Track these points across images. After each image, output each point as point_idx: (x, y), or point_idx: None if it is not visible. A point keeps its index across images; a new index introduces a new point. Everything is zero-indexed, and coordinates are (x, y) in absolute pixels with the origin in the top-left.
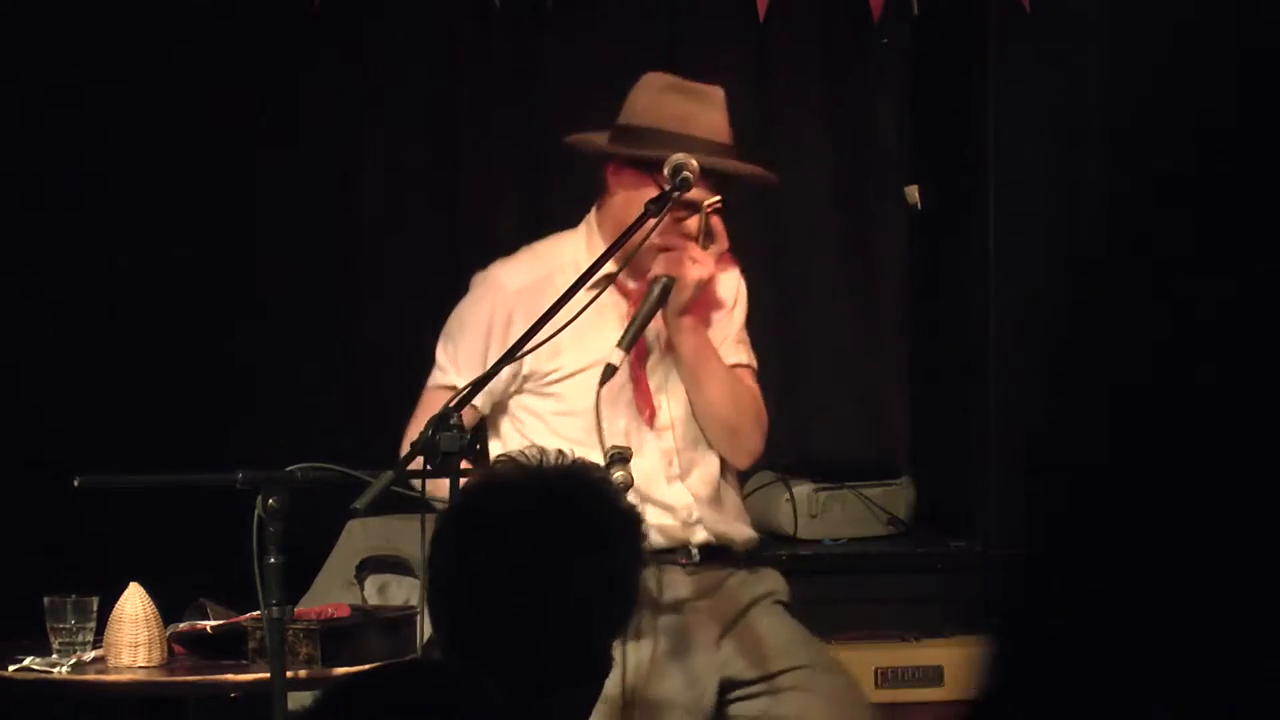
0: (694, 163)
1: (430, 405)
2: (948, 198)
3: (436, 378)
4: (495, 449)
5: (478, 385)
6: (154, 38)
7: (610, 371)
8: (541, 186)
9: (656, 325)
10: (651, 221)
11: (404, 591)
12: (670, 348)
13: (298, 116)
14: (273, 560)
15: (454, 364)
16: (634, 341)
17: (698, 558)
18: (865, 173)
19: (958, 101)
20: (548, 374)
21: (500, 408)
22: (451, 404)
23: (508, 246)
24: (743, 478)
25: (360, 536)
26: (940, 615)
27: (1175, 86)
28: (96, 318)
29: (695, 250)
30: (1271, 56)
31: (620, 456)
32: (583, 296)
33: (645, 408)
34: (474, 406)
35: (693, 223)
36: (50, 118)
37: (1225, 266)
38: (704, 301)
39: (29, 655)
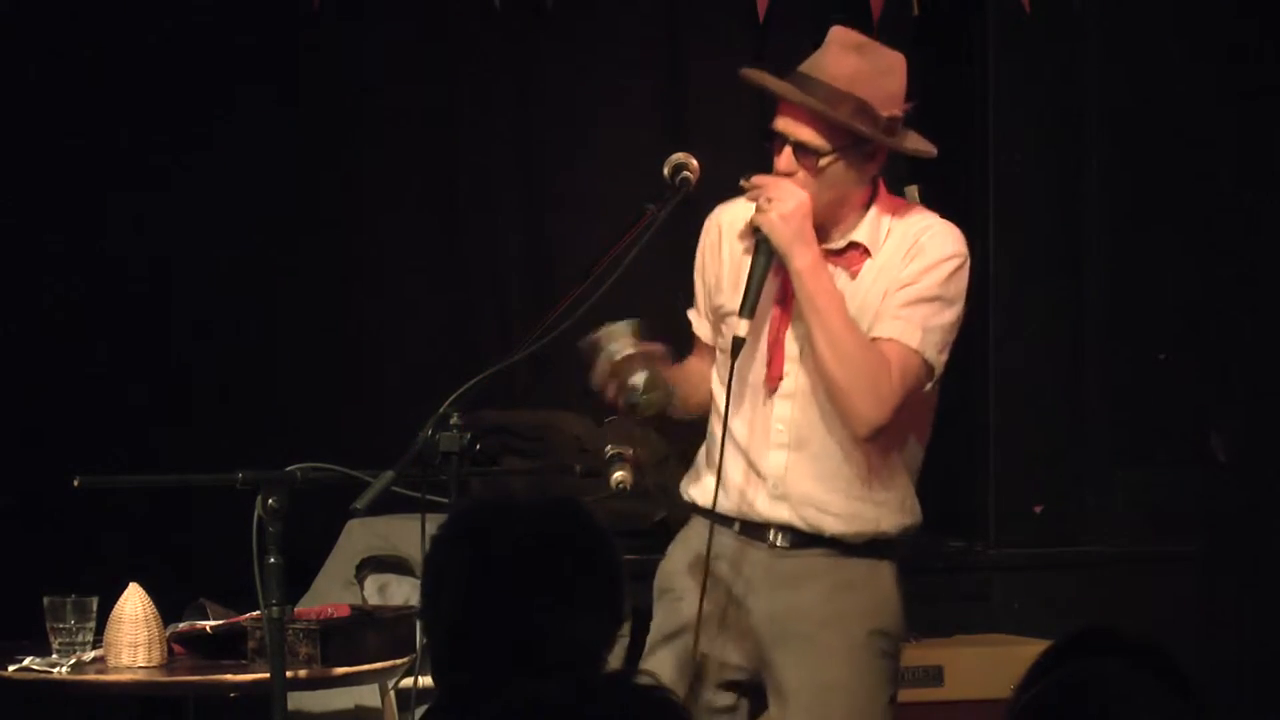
0: (694, 162)
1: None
2: (948, 198)
3: (690, 313)
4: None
5: (467, 391)
6: (153, 38)
7: (738, 344)
8: (542, 186)
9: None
10: (651, 218)
11: (404, 591)
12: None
13: (298, 116)
14: (273, 560)
15: (693, 308)
16: (754, 306)
17: (780, 540)
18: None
19: (957, 101)
20: (726, 311)
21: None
22: (446, 408)
23: (508, 246)
24: None
25: (360, 536)
26: (940, 615)
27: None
28: (96, 318)
29: (772, 186)
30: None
31: (619, 457)
32: (743, 243)
33: (773, 371)
34: (705, 344)
35: (782, 160)
36: (50, 118)
37: None
38: (885, 268)
39: (29, 655)
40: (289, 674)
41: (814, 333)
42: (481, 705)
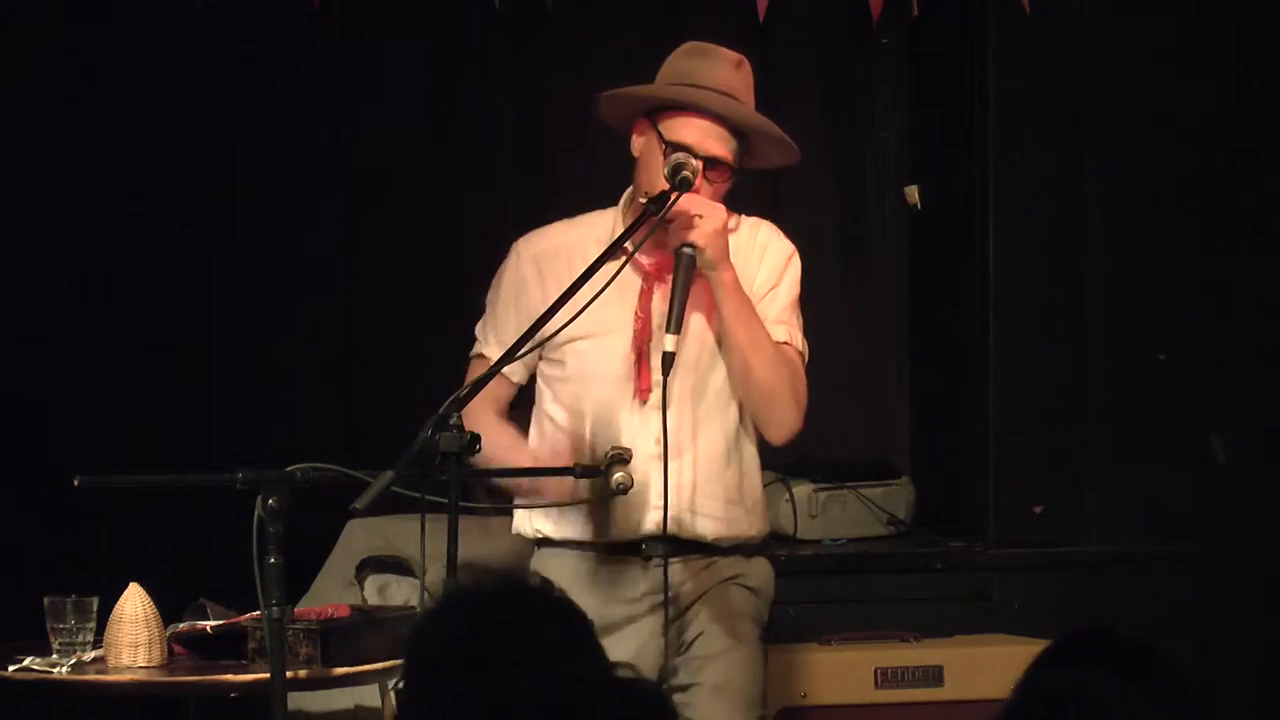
0: (694, 161)
1: (472, 373)
2: (947, 197)
3: (475, 348)
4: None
5: (466, 391)
6: (153, 38)
7: (668, 359)
8: (542, 186)
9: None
10: (654, 219)
11: (404, 591)
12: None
13: (297, 115)
14: (273, 560)
15: (484, 334)
16: (680, 321)
17: (654, 553)
18: (865, 173)
19: (958, 101)
20: (558, 341)
21: (538, 375)
22: (445, 408)
23: (507, 246)
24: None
25: (360, 536)
26: (940, 615)
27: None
28: (96, 317)
29: (699, 203)
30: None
31: (619, 458)
32: (610, 267)
33: (641, 385)
34: (507, 379)
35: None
36: (50, 117)
37: None
38: (742, 275)
39: (29, 655)
40: (289, 674)
41: (743, 343)
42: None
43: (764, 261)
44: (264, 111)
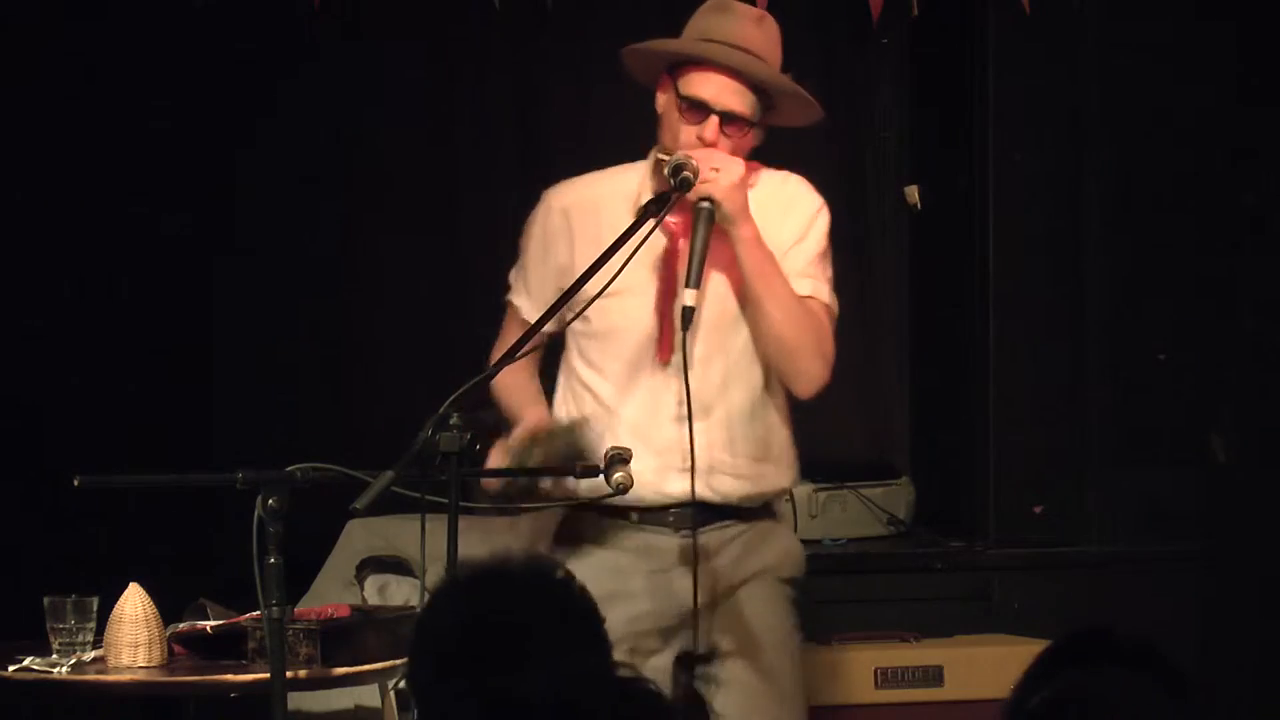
0: (694, 162)
1: (507, 323)
2: (947, 197)
3: (508, 295)
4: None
5: (467, 391)
6: (153, 38)
7: (688, 313)
8: (542, 186)
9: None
10: (651, 222)
11: (404, 591)
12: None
13: (297, 116)
14: (273, 560)
15: (515, 282)
16: (699, 276)
17: (683, 520)
18: (865, 173)
19: (958, 101)
20: (586, 293)
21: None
22: (446, 407)
23: (507, 246)
24: None
25: (360, 536)
26: (940, 615)
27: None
28: (96, 317)
29: (716, 157)
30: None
31: (619, 458)
32: (635, 239)
33: (663, 345)
34: (540, 333)
35: (708, 130)
36: (50, 117)
37: None
38: (767, 228)
39: (29, 655)
40: (289, 674)
41: (765, 298)
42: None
43: (790, 214)
44: (264, 111)
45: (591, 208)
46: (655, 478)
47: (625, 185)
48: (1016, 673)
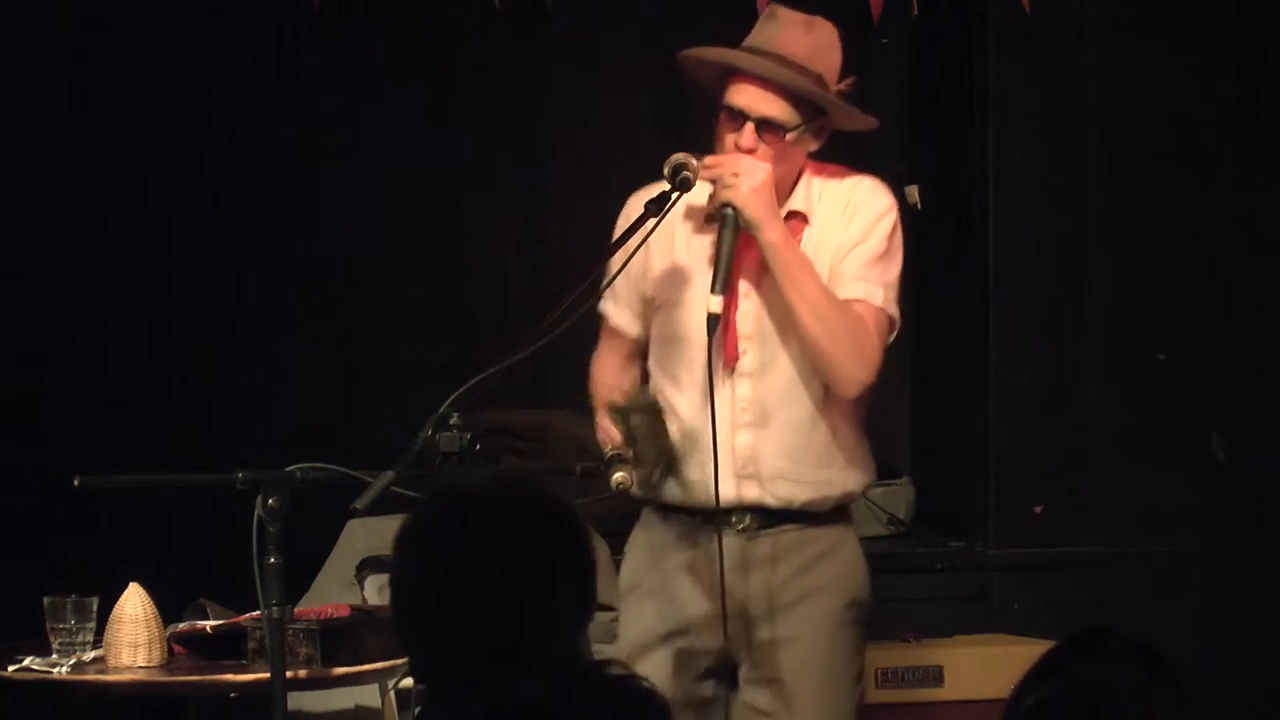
0: (694, 161)
1: (600, 332)
2: (948, 197)
3: (599, 304)
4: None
5: (467, 391)
6: (154, 38)
7: (713, 320)
8: (542, 186)
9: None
10: (650, 223)
11: None
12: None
13: (297, 116)
14: (273, 560)
15: (607, 288)
16: (726, 283)
17: (748, 523)
18: (865, 172)
19: (958, 101)
20: (660, 300)
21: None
22: (449, 403)
23: (508, 247)
24: None
25: (360, 536)
26: (940, 615)
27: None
28: (97, 318)
29: (741, 162)
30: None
31: (619, 458)
32: (689, 228)
33: (729, 351)
34: (622, 334)
35: (743, 137)
36: (50, 115)
37: None
38: (830, 232)
39: (29, 655)
40: (289, 674)
41: (794, 302)
42: (464, 706)
43: (857, 216)
44: (264, 111)
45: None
46: (712, 483)
47: (696, 189)
48: (1016, 673)
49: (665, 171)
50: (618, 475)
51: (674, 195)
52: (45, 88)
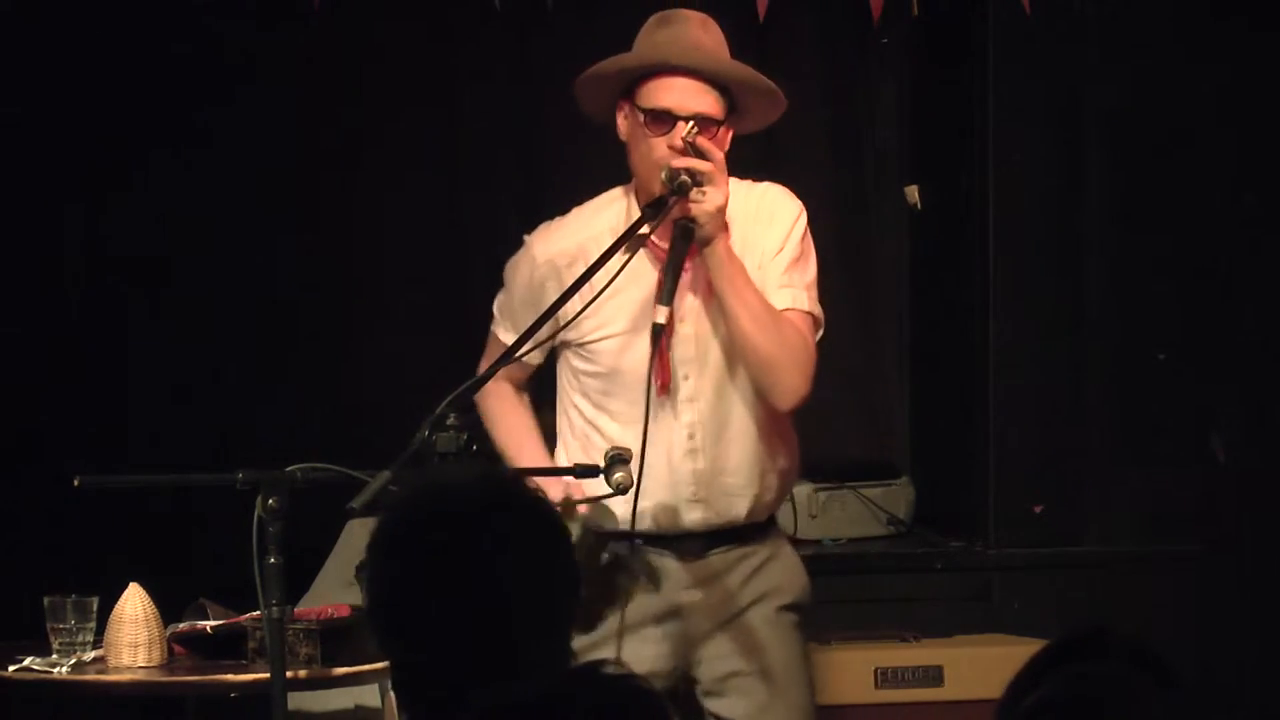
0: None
1: (489, 350)
2: (948, 197)
3: (494, 325)
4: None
5: (465, 392)
6: (152, 38)
7: (657, 330)
8: (542, 186)
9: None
10: (648, 225)
11: None
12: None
13: (297, 116)
14: (273, 560)
15: (501, 316)
16: (672, 294)
17: (691, 547)
18: (865, 173)
19: (958, 101)
20: (586, 336)
21: (558, 359)
22: (443, 408)
23: (507, 247)
24: None
25: (360, 536)
26: (940, 615)
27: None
28: (97, 317)
29: (702, 168)
30: None
31: (619, 458)
32: (618, 259)
33: (660, 379)
34: (523, 363)
35: (677, 136)
36: (50, 115)
37: None
38: (750, 243)
39: (29, 655)
40: (289, 674)
41: (738, 313)
42: (455, 711)
43: (772, 226)
44: (264, 111)
45: (580, 255)
46: (669, 511)
47: (610, 219)
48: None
49: (662, 178)
50: (617, 475)
51: (671, 200)
52: (45, 86)
